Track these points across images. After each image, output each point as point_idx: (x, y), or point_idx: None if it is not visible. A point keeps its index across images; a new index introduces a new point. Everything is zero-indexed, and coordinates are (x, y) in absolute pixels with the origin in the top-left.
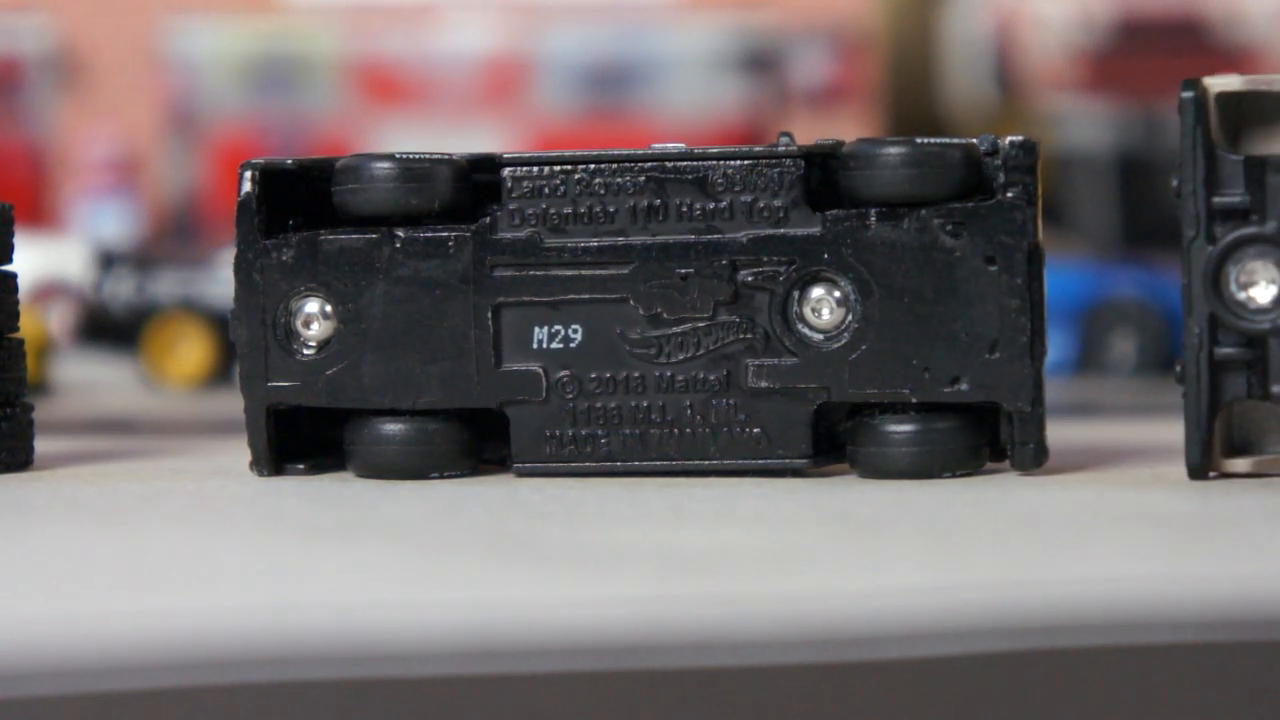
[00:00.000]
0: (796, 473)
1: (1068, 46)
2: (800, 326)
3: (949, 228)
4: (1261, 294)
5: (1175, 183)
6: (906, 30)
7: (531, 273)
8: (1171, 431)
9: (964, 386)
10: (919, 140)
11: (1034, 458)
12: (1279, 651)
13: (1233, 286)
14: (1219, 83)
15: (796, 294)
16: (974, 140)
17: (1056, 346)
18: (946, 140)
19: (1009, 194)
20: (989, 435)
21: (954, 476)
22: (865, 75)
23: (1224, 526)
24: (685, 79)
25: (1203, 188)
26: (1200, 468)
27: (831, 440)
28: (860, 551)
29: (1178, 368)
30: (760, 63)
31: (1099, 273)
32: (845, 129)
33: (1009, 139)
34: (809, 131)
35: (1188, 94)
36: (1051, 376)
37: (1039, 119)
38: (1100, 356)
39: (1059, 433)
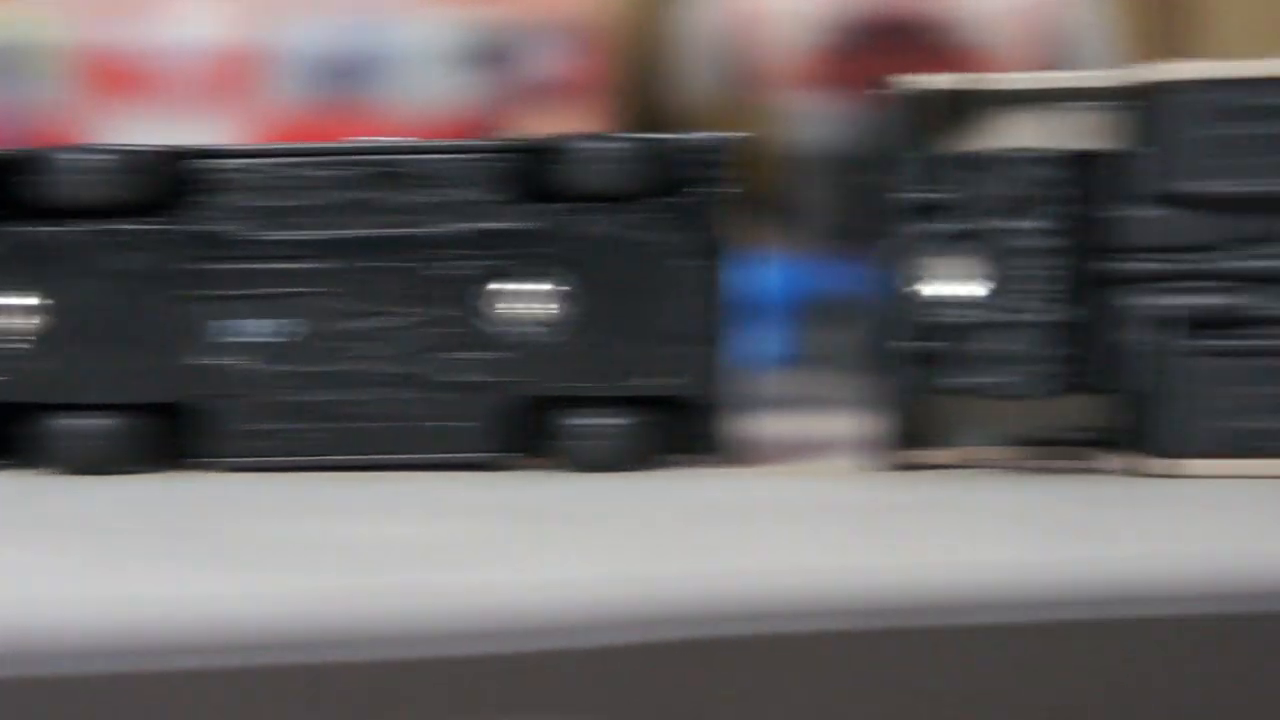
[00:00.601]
0: (499, 466)
1: (801, 44)
2: (502, 320)
3: (645, 222)
4: (942, 289)
5: (870, 178)
6: (640, 26)
7: (235, 266)
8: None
9: (657, 380)
10: (619, 136)
11: (723, 449)
12: (932, 637)
13: (916, 281)
14: (917, 81)
15: (499, 288)
16: (673, 136)
17: (777, 341)
18: (647, 136)
19: (703, 189)
20: (682, 428)
21: (648, 469)
22: (599, 70)
23: (893, 516)
24: (418, 73)
25: (895, 183)
26: (882, 459)
27: (533, 434)
28: (539, 544)
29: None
30: (493, 57)
31: (825, 268)
32: (578, 124)
33: (702, 136)
34: (542, 126)
35: (882, 92)
36: (771, 370)
37: (771, 116)
38: (822, 350)
39: (765, 425)
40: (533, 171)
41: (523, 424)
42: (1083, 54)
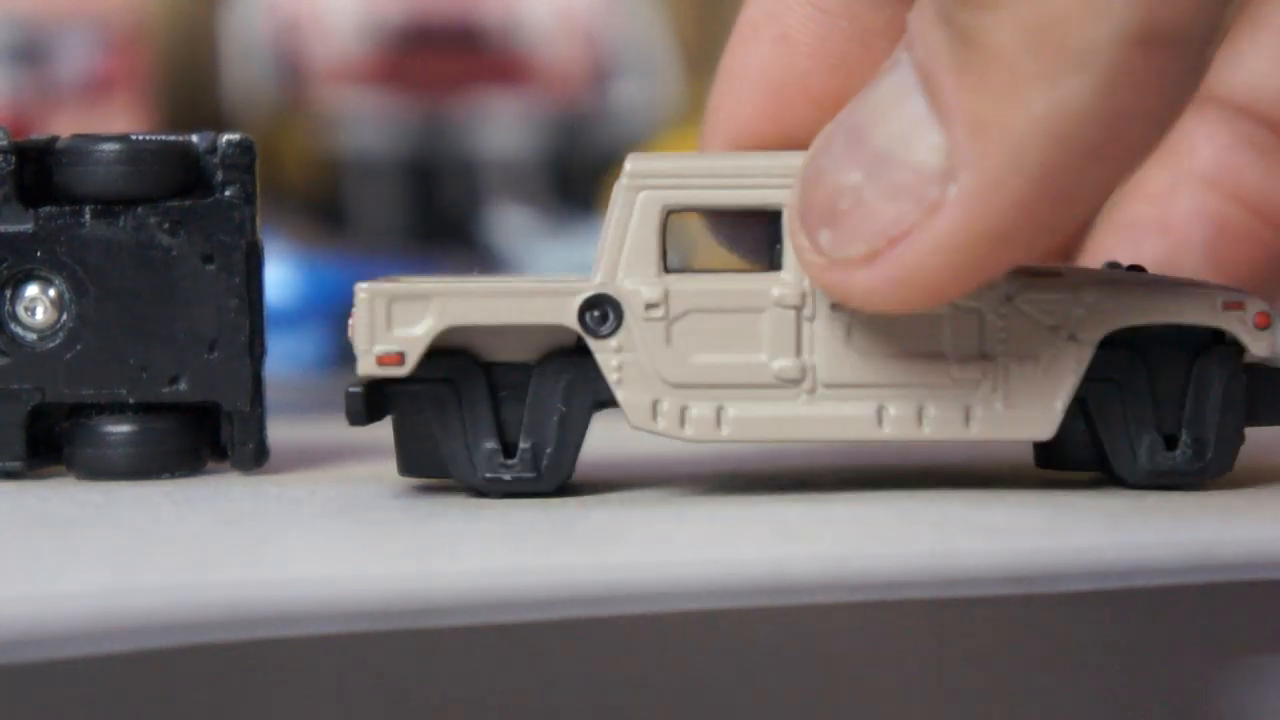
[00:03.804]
0: (11, 475)
1: (350, 46)
2: (13, 326)
3: (166, 225)
4: None
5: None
6: (184, 22)
7: None
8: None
9: (183, 386)
10: (134, 136)
11: (254, 457)
12: (445, 638)
13: None
14: (384, 374)
15: (8, 293)
16: (192, 138)
17: (328, 343)
18: (163, 137)
19: (227, 192)
20: (210, 435)
21: (173, 477)
22: (138, 67)
23: (425, 523)
24: None
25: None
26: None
27: (50, 442)
28: (44, 554)
29: None
30: (26, 53)
31: (377, 271)
32: (116, 122)
33: (227, 137)
34: (78, 125)
35: (352, 391)
36: (307, 374)
37: (322, 117)
38: None
39: (306, 431)
40: (33, 173)
41: (31, 432)
42: (631, 63)
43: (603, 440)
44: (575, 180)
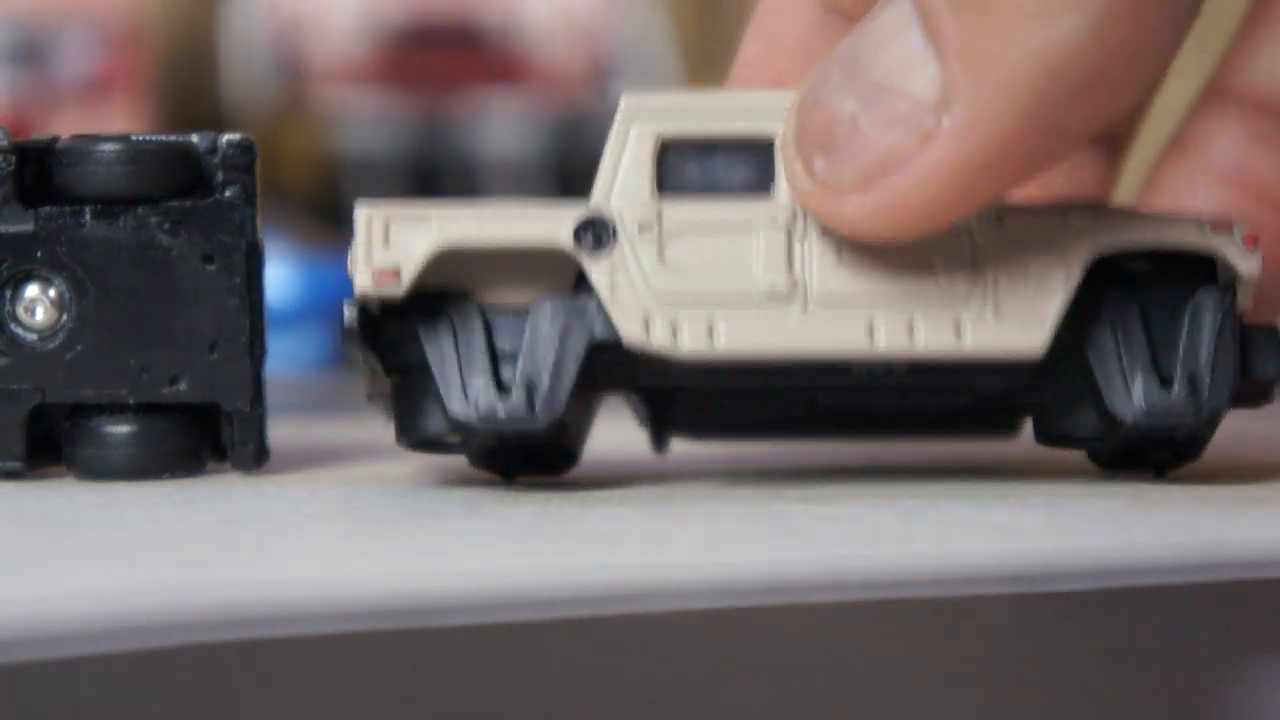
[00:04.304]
0: (11, 475)
1: (355, 46)
2: (13, 326)
3: (166, 226)
4: None
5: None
6: (184, 21)
7: None
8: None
9: (183, 387)
10: (135, 137)
11: (254, 458)
12: (455, 637)
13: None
14: (380, 293)
15: (9, 293)
16: (193, 138)
17: (315, 344)
18: (163, 137)
19: (227, 192)
20: (211, 436)
21: (173, 477)
22: (138, 67)
23: (425, 523)
24: None
25: (374, 360)
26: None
27: (50, 443)
28: (44, 554)
29: None
30: (26, 53)
31: None
32: (116, 123)
33: (227, 137)
34: (79, 125)
35: (349, 312)
36: (307, 374)
37: (322, 117)
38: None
39: (306, 431)
40: (34, 173)
41: (31, 433)
42: (632, 63)
43: (603, 440)
44: (575, 180)
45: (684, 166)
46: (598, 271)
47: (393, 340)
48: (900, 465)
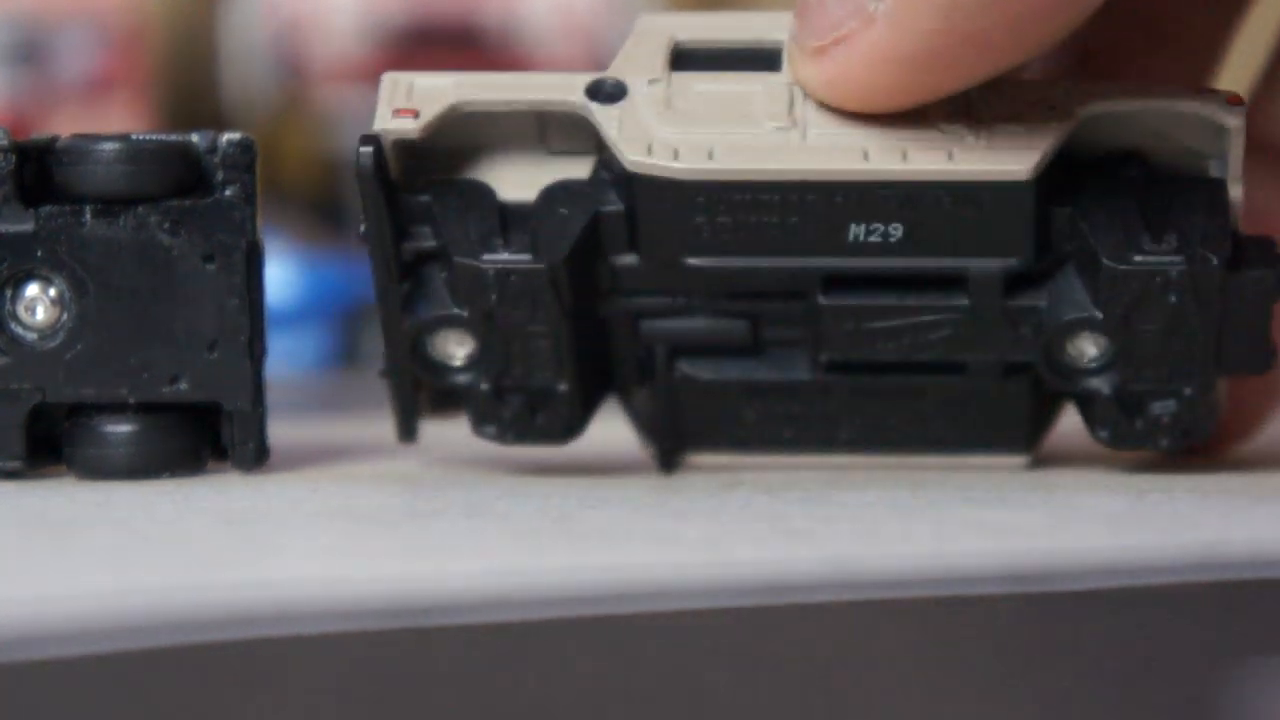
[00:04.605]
0: (11, 475)
1: (355, 46)
2: (13, 326)
3: (166, 225)
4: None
5: (362, 228)
6: (184, 21)
7: None
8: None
9: (183, 386)
10: (135, 136)
11: (255, 457)
12: (459, 636)
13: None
14: (397, 129)
15: (8, 292)
16: (193, 137)
17: (318, 342)
18: (163, 137)
19: (227, 192)
20: (211, 435)
21: (173, 477)
22: (138, 66)
23: (425, 523)
24: None
25: (389, 233)
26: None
27: (50, 442)
28: (44, 554)
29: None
30: (26, 53)
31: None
32: (116, 122)
33: (227, 136)
34: (79, 124)
35: (364, 149)
36: (311, 373)
37: (323, 117)
38: (363, 352)
39: (307, 431)
40: (34, 172)
41: (31, 432)
42: None
43: (603, 439)
44: None
45: (696, 60)
46: (606, 117)
47: (402, 220)
48: (900, 465)
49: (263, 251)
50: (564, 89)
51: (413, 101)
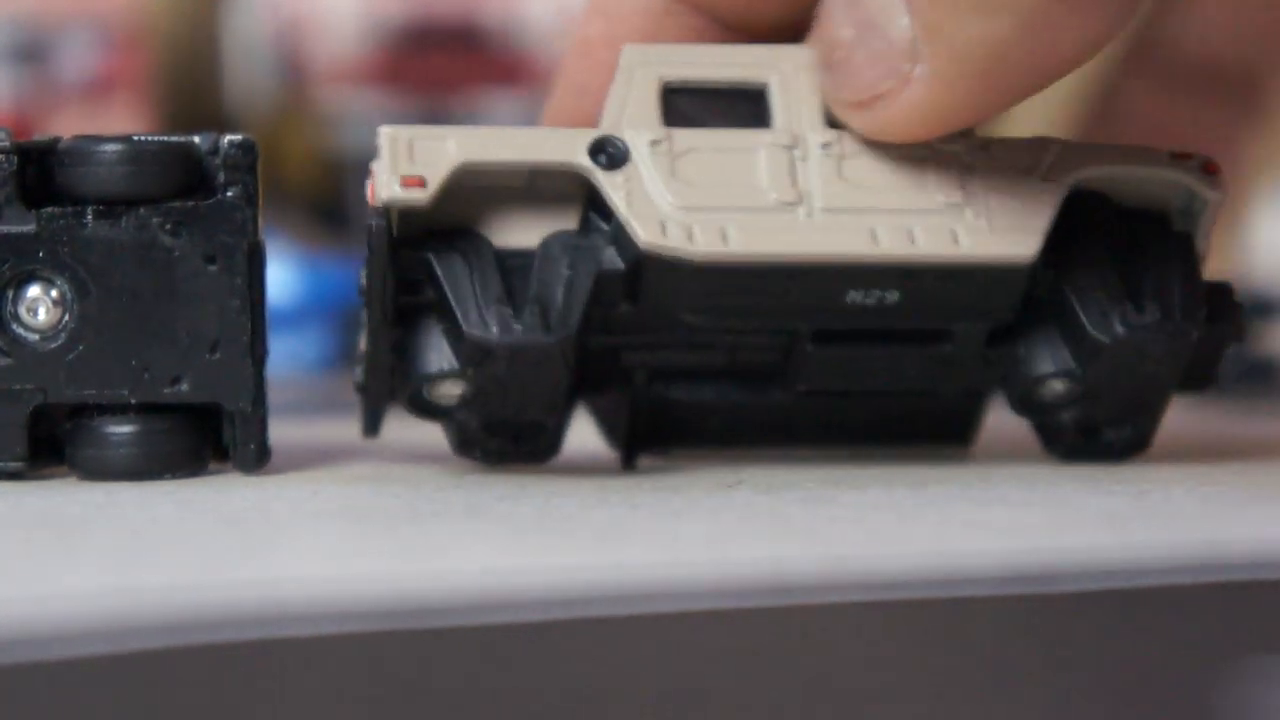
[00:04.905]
0: (13, 476)
1: (355, 46)
2: (15, 326)
3: (168, 226)
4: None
5: (362, 281)
6: (185, 22)
7: None
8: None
9: (185, 387)
10: (136, 137)
11: (256, 458)
12: (453, 637)
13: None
14: (406, 199)
15: (10, 293)
16: (194, 138)
17: (330, 343)
18: (165, 138)
19: (229, 193)
20: (212, 436)
21: (175, 477)
22: (140, 67)
23: (425, 523)
24: None
25: (391, 289)
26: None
27: (52, 443)
28: (45, 554)
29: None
30: (27, 53)
31: None
32: (118, 123)
33: (229, 137)
34: (80, 125)
35: (376, 222)
36: (311, 374)
37: (324, 117)
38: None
39: (308, 431)
40: (36, 174)
41: (33, 433)
42: None
43: (603, 440)
44: None
45: (686, 104)
46: (613, 186)
47: (402, 278)
48: (900, 465)
49: (264, 252)
50: (566, 149)
51: (416, 167)
